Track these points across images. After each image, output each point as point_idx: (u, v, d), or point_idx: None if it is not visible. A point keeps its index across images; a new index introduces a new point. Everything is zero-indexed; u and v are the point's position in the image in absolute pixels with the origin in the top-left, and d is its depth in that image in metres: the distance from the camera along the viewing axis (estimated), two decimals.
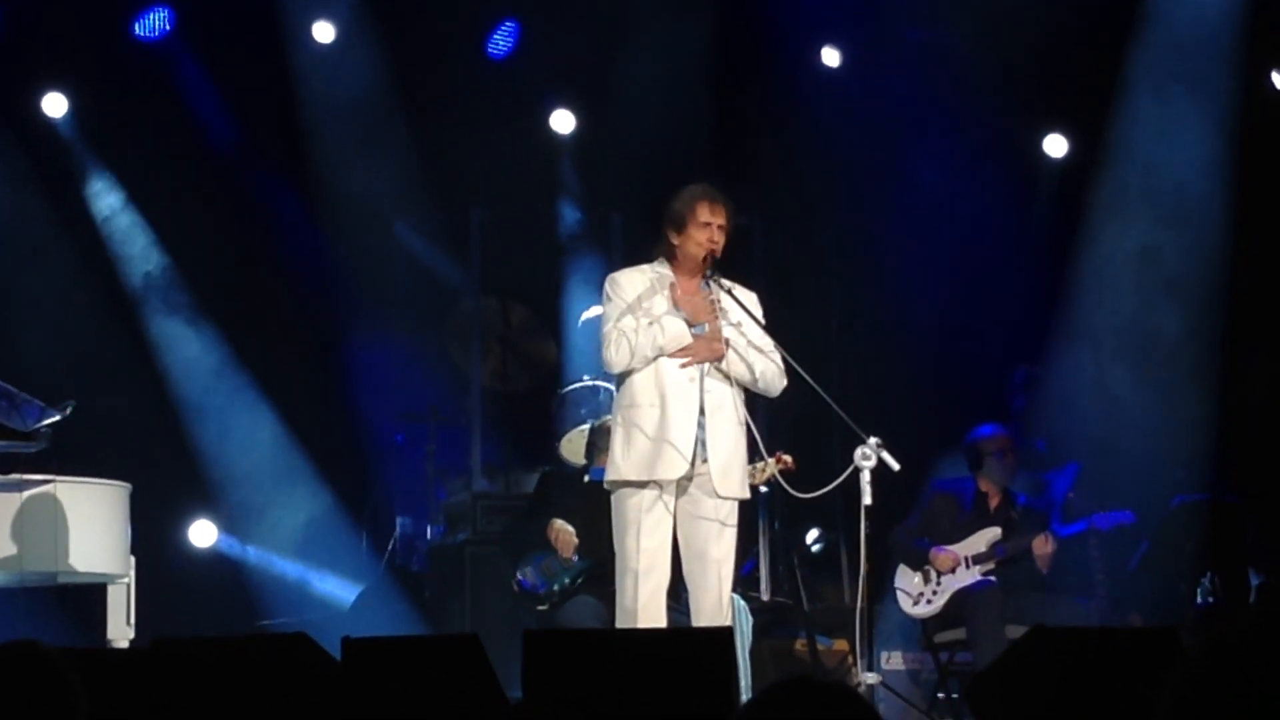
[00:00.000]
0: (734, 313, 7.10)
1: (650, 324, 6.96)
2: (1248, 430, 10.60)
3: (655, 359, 6.96)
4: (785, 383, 7.16)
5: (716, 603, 6.98)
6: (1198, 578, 9.56)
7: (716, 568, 6.98)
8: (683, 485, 6.97)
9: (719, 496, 6.96)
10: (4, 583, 8.06)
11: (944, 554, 9.20)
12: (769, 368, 7.09)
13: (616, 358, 7.02)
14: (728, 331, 7.05)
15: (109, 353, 10.75)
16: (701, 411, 6.95)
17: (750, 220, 11.03)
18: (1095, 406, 10.93)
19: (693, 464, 6.92)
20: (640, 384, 7.00)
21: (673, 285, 7.07)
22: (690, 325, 6.99)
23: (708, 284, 7.11)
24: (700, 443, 6.94)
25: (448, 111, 11.23)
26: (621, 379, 7.10)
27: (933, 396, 11.13)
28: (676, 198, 7.11)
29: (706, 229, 7.04)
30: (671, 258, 7.13)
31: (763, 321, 7.07)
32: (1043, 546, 9.15)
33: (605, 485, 7.10)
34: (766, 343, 7.09)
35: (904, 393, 10.97)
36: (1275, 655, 2.65)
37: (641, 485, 6.96)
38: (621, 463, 7.00)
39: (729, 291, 7.06)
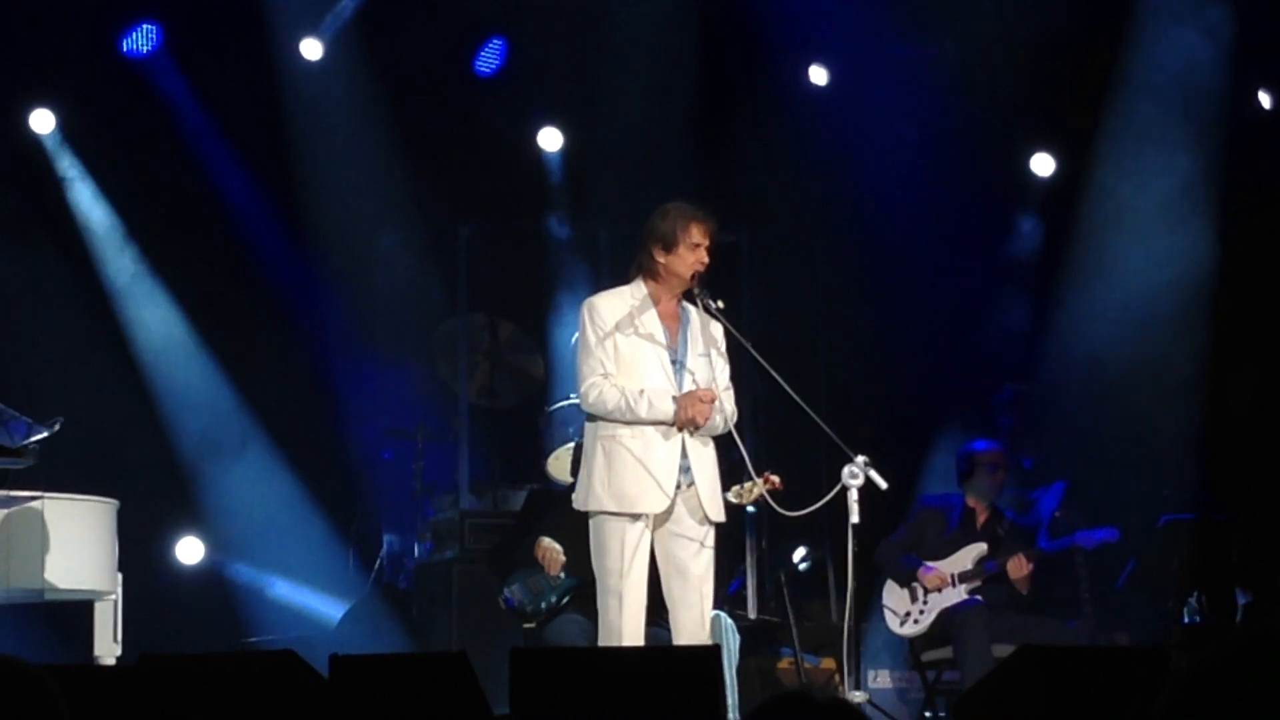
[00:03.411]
0: (720, 334, 7.09)
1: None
2: (1234, 449, 10.61)
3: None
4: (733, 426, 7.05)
5: (699, 620, 6.93)
6: (1185, 597, 9.56)
7: (698, 584, 6.93)
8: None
9: (704, 520, 6.93)
10: None
11: (932, 573, 9.17)
12: (730, 406, 7.03)
13: (592, 404, 6.94)
14: (715, 359, 7.00)
15: (96, 370, 10.73)
16: (684, 443, 6.91)
17: (738, 237, 11.04)
18: (1082, 425, 10.92)
19: (676, 489, 6.89)
20: None
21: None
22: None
23: (684, 304, 7.07)
24: (684, 468, 6.90)
25: (435, 128, 11.24)
26: None
27: (920, 414, 11.13)
28: (664, 216, 6.99)
29: (697, 250, 6.96)
30: (655, 275, 7.03)
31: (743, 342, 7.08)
32: (1018, 570, 9.09)
33: (580, 507, 7.02)
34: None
35: (891, 410, 10.97)
36: (1262, 675, 2.65)
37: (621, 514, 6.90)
38: (602, 492, 6.90)
39: (718, 313, 7.03)
